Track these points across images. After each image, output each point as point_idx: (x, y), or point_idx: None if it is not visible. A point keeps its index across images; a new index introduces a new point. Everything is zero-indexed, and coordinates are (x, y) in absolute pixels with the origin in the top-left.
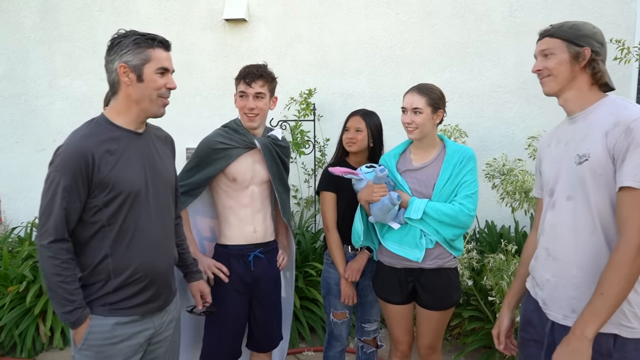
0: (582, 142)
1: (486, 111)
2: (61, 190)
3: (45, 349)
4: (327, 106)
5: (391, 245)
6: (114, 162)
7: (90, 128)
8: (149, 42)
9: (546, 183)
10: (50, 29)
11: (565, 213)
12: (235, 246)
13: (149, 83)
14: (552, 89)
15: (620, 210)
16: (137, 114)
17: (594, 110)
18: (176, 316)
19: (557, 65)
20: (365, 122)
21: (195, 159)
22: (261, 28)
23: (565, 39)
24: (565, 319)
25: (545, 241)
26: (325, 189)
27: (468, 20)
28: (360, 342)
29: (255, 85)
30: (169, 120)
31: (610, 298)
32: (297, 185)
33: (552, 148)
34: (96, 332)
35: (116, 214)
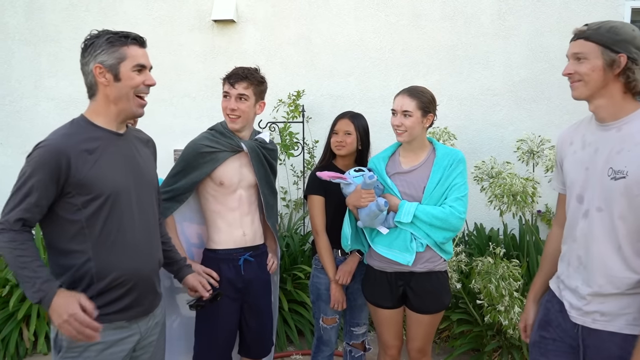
0: (617, 155)
1: (475, 114)
2: (31, 185)
3: (29, 353)
4: (316, 108)
5: (381, 249)
6: (93, 162)
7: (69, 128)
8: (122, 40)
9: (571, 185)
10: (35, 29)
11: (596, 225)
12: (224, 250)
13: (126, 81)
14: (581, 94)
15: None
16: (117, 114)
17: (630, 122)
18: (161, 320)
19: (590, 72)
20: (354, 125)
21: (181, 164)
22: (250, 29)
23: (601, 44)
24: (594, 322)
25: (578, 249)
26: (313, 193)
27: (457, 23)
28: (348, 347)
29: (239, 87)
30: (156, 122)
31: None
32: (285, 188)
33: (577, 149)
34: None
35: (96, 215)
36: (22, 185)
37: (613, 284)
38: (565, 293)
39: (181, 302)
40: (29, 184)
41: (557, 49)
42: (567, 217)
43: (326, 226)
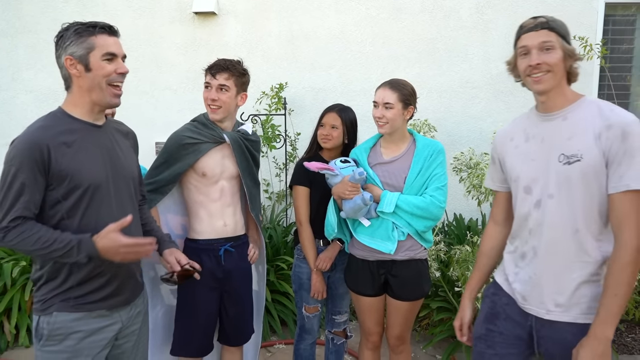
0: (568, 141)
1: (454, 106)
2: (21, 183)
3: (11, 346)
4: (298, 100)
5: (364, 238)
6: (71, 154)
7: (46, 120)
8: (90, 30)
9: (516, 179)
10: (12, 20)
11: (550, 212)
12: (205, 240)
13: (97, 71)
14: (548, 86)
15: (619, 211)
16: (92, 105)
17: (574, 110)
18: (143, 310)
19: (558, 62)
20: (341, 119)
21: (163, 155)
22: (231, 21)
23: (561, 35)
24: (548, 313)
25: (532, 240)
26: (298, 184)
27: (437, 17)
28: (330, 334)
29: (220, 77)
30: (138, 114)
31: (622, 297)
32: (268, 180)
33: (519, 143)
34: (60, 327)
35: (76, 207)
36: (10, 185)
37: (569, 270)
38: (517, 285)
39: (165, 292)
40: (17, 182)
41: None
42: (516, 212)
43: (310, 216)
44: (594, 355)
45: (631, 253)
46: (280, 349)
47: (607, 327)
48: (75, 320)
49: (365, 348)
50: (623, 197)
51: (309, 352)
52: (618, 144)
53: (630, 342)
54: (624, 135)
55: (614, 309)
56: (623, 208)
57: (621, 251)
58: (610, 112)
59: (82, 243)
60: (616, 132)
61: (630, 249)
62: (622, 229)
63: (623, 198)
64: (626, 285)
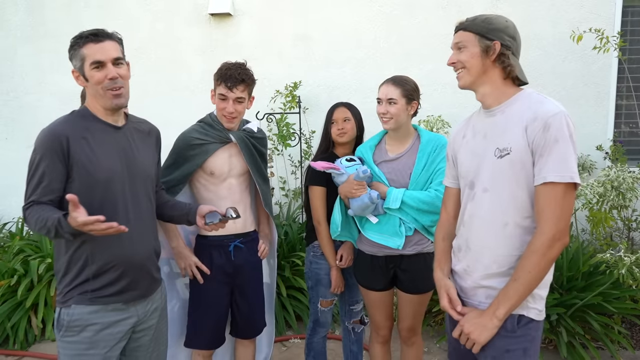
0: (502, 136)
1: (469, 102)
2: (42, 171)
3: (38, 340)
4: (313, 98)
5: (372, 234)
6: (89, 149)
7: (70, 116)
8: (79, 42)
9: (464, 175)
10: (36, 26)
11: (481, 205)
12: (215, 237)
13: (91, 80)
14: (466, 82)
15: (539, 203)
16: (103, 110)
17: (512, 104)
18: (161, 305)
19: (469, 59)
20: (351, 112)
21: (172, 156)
22: (246, 22)
23: (477, 33)
24: (480, 304)
25: (465, 232)
26: (314, 184)
27: (451, 12)
28: (350, 325)
29: (237, 91)
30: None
31: (522, 284)
32: (284, 177)
33: (469, 139)
34: (78, 319)
35: (90, 201)
36: (33, 173)
37: (497, 263)
38: (457, 277)
39: (180, 287)
40: (39, 170)
41: (550, 35)
42: (461, 206)
43: (327, 215)
44: (478, 325)
45: (543, 242)
46: (295, 344)
47: (499, 308)
48: (92, 312)
49: (375, 342)
50: (543, 189)
51: (321, 345)
52: (540, 135)
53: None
54: (545, 127)
55: (510, 292)
56: (543, 200)
57: (533, 239)
58: (539, 104)
59: (61, 220)
60: (539, 123)
61: (542, 238)
62: (539, 220)
63: (543, 190)
64: (528, 273)
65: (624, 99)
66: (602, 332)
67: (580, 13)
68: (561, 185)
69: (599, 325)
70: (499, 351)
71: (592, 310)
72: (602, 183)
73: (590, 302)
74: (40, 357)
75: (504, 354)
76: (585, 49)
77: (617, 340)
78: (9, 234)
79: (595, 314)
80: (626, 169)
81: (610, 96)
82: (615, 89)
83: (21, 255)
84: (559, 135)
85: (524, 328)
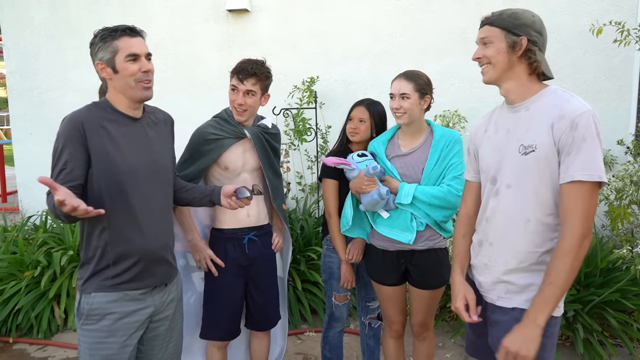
0: (526, 132)
1: (487, 96)
2: (65, 159)
3: (60, 330)
4: (329, 93)
5: (383, 229)
6: (108, 140)
7: (89, 105)
8: (112, 35)
9: (486, 169)
10: (59, 24)
11: (504, 201)
12: (230, 230)
13: (123, 72)
14: (491, 77)
15: (565, 201)
16: (127, 102)
17: (537, 101)
18: (177, 297)
19: (495, 54)
20: (369, 113)
21: (188, 151)
22: (263, 18)
23: (503, 28)
24: (499, 299)
25: (487, 227)
26: (327, 177)
27: (468, 5)
28: (366, 321)
29: (247, 83)
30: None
31: (558, 287)
32: (301, 172)
33: (491, 134)
34: (98, 308)
35: (109, 189)
36: (57, 160)
37: (518, 259)
38: (475, 272)
39: (196, 279)
40: (62, 158)
41: (570, 28)
42: (482, 201)
43: (339, 208)
44: (521, 339)
45: (572, 242)
46: (310, 337)
47: (539, 314)
48: (111, 301)
49: (388, 337)
50: (569, 187)
51: (337, 339)
52: (567, 134)
53: None
54: (573, 125)
55: (548, 296)
56: (569, 199)
57: (563, 240)
58: (566, 102)
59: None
60: (567, 122)
61: (572, 238)
62: (566, 219)
63: (569, 189)
64: (563, 274)
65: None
66: (619, 329)
67: (601, 5)
68: (588, 184)
69: (617, 322)
70: None
71: (610, 307)
72: (621, 178)
73: (607, 298)
74: (63, 346)
75: None
76: (606, 42)
77: (636, 338)
78: (34, 227)
79: (613, 310)
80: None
81: (633, 90)
82: (638, 82)
83: (44, 247)
84: (586, 133)
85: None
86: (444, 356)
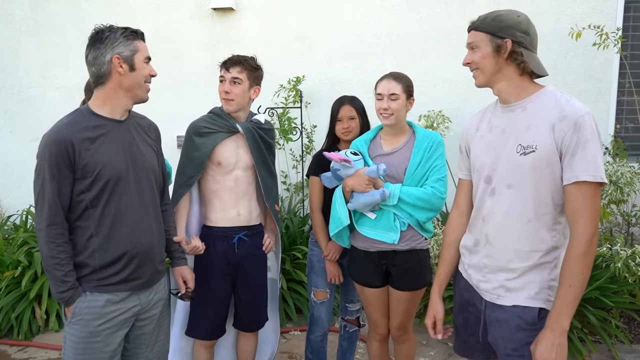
0: (525, 132)
1: (470, 97)
2: (49, 178)
3: (42, 331)
4: (315, 93)
5: (366, 230)
6: (94, 149)
7: (72, 117)
8: (134, 35)
9: (479, 168)
10: (41, 20)
11: (504, 200)
12: (219, 228)
13: (140, 71)
14: (481, 82)
15: (573, 202)
16: (126, 102)
17: (534, 101)
18: (164, 296)
19: (482, 59)
20: (355, 110)
21: (184, 148)
22: (249, 17)
23: (488, 32)
24: (499, 298)
25: (486, 227)
26: (313, 174)
27: (452, 7)
28: (343, 322)
29: (233, 71)
30: (160, 109)
31: (577, 288)
32: (286, 172)
33: (484, 133)
34: (84, 307)
35: (99, 197)
36: (42, 186)
37: (520, 258)
38: (472, 271)
39: None
40: (47, 185)
41: (552, 31)
42: (475, 200)
43: (323, 205)
44: (551, 347)
45: (585, 243)
46: (295, 336)
47: (563, 318)
48: (99, 301)
49: (373, 339)
50: (575, 188)
51: (320, 343)
52: (570, 135)
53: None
54: (577, 126)
55: (569, 299)
56: (576, 200)
57: (575, 242)
58: (566, 103)
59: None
60: (569, 123)
61: (584, 240)
62: (576, 220)
63: (575, 189)
64: (580, 275)
65: (625, 94)
66: (599, 326)
67: (582, 9)
68: (592, 185)
69: (596, 319)
70: (519, 343)
71: (589, 304)
72: None
73: (587, 296)
74: (44, 347)
75: (523, 346)
76: (586, 45)
77: (615, 334)
78: (14, 226)
79: (592, 308)
80: (626, 164)
81: (612, 92)
82: (616, 84)
83: (25, 247)
84: (589, 135)
85: (543, 320)
86: (427, 354)
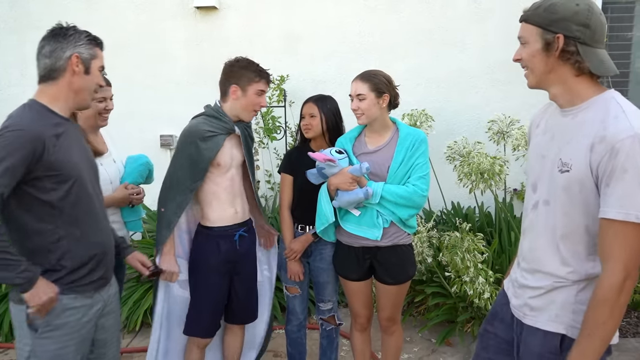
0: (567, 146)
1: (452, 96)
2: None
3: None
4: (299, 92)
5: (350, 226)
6: (60, 147)
7: (33, 113)
8: (95, 42)
9: (529, 171)
10: (20, 18)
11: (542, 218)
12: (220, 228)
13: (93, 77)
14: (531, 83)
15: (602, 240)
16: (73, 104)
17: (586, 109)
18: (115, 289)
19: (530, 57)
20: (317, 107)
21: (185, 157)
22: (232, 15)
23: (539, 25)
24: (524, 317)
25: (524, 241)
26: (285, 172)
27: (434, 7)
28: (320, 320)
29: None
30: (143, 108)
31: (597, 340)
32: (270, 170)
33: (540, 133)
34: (57, 309)
35: (66, 197)
36: None
37: (546, 279)
38: (509, 285)
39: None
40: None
41: None
42: (524, 206)
43: (293, 203)
44: None
45: (608, 290)
46: (280, 334)
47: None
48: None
49: (355, 330)
50: (606, 224)
51: (297, 334)
52: (607, 160)
53: (624, 325)
54: (613, 152)
55: (587, 350)
56: (606, 238)
57: (600, 287)
58: (613, 119)
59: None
60: (606, 146)
61: (608, 285)
62: (605, 261)
63: (606, 226)
64: (602, 326)
65: None
66: None
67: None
68: (627, 225)
69: None
70: None
71: None
72: None
73: None
74: None
75: None
76: None
77: None
78: None
79: None
80: None
81: None
82: None
83: None
84: (627, 164)
85: (568, 349)
86: (411, 350)
